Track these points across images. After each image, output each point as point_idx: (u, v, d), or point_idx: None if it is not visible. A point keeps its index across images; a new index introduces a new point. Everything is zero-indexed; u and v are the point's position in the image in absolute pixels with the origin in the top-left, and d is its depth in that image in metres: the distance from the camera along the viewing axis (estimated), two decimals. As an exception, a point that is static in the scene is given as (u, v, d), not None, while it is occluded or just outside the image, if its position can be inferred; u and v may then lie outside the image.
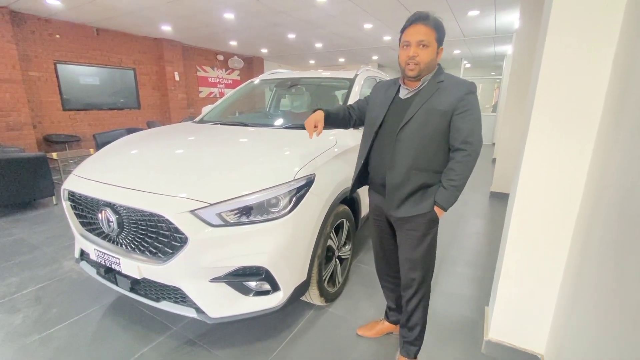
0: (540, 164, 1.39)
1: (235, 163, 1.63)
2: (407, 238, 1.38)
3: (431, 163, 1.28)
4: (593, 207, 1.20)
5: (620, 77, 1.11)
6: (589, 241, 1.19)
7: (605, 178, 1.12)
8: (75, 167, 1.90)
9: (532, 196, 1.44)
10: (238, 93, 3.09)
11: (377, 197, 1.48)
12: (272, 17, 5.69)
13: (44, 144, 5.90)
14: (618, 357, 0.85)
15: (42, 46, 5.74)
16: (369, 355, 1.67)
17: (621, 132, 1.04)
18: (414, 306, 1.43)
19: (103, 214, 1.55)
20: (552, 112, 1.33)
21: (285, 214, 1.49)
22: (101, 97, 6.79)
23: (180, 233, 1.37)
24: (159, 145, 2.03)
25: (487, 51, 9.27)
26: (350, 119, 1.57)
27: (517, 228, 1.51)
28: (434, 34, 1.24)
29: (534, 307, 1.53)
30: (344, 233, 2.07)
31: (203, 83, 9.32)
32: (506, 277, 1.59)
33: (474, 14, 5.44)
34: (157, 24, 6.28)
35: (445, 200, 1.26)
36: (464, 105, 1.22)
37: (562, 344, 1.33)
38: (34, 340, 1.75)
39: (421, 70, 1.26)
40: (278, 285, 1.51)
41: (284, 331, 1.82)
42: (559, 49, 1.28)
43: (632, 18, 1.09)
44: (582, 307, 1.16)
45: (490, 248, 2.89)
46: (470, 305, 2.08)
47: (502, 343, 1.63)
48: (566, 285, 1.39)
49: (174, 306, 1.53)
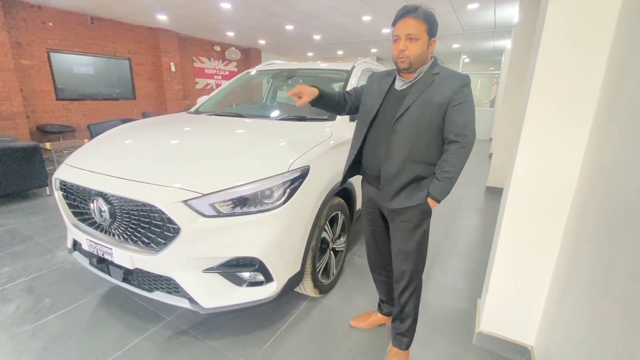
0: (533, 159, 1.40)
1: (230, 154, 1.61)
2: (400, 230, 1.38)
3: (425, 155, 1.28)
4: (585, 203, 1.21)
5: (615, 74, 1.11)
6: (580, 236, 1.20)
7: (598, 174, 1.12)
8: (69, 156, 1.87)
9: (525, 191, 1.44)
10: (234, 84, 3.05)
11: (370, 189, 1.47)
12: (270, 7, 5.60)
13: (37, 134, 5.82)
14: (606, 350, 0.85)
15: (35, 34, 5.62)
16: (362, 345, 1.68)
17: (613, 129, 1.04)
18: (407, 298, 1.44)
19: (95, 204, 1.54)
20: (546, 108, 1.33)
21: (279, 205, 1.49)
22: (96, 87, 6.69)
23: (173, 223, 1.36)
24: (152, 135, 2.01)
25: (486, 46, 9.22)
26: (345, 105, 1.55)
27: (510, 222, 1.52)
28: (423, 26, 1.23)
29: (525, 300, 1.55)
30: (339, 225, 2.07)
31: (200, 74, 9.21)
32: (498, 270, 1.60)
33: (473, 7, 5.39)
34: (153, 13, 6.17)
35: (438, 192, 1.26)
36: (459, 98, 1.22)
37: (552, 337, 1.35)
38: (27, 330, 1.74)
39: (412, 63, 1.26)
40: (271, 276, 1.51)
41: (277, 322, 1.82)
42: (555, 45, 1.27)
43: (627, 15, 1.08)
44: (572, 301, 1.17)
45: (484, 242, 2.91)
46: (463, 297, 2.10)
47: (493, 335, 1.64)
48: (557, 279, 1.40)
49: (167, 296, 1.53)
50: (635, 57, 0.96)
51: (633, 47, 0.99)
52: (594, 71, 1.23)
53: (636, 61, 0.95)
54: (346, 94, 1.55)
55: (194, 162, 1.55)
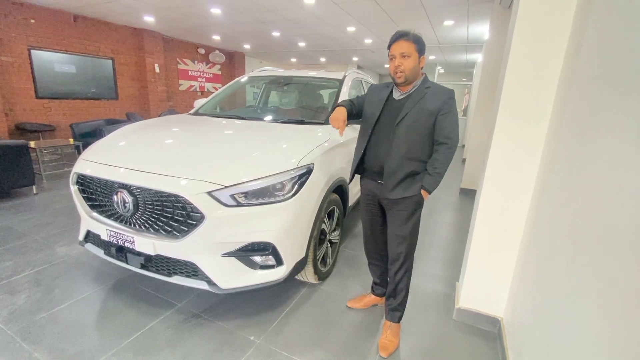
0: (502, 162, 1.69)
1: (244, 151, 1.81)
2: (397, 217, 1.63)
3: (419, 153, 1.54)
4: (540, 198, 1.50)
5: (564, 90, 1.42)
6: (536, 226, 1.49)
7: (550, 174, 1.41)
8: (84, 152, 1.99)
9: (495, 190, 1.74)
10: (231, 88, 3.22)
11: (371, 183, 1.71)
12: (259, 14, 5.80)
13: (16, 133, 5.65)
14: (554, 315, 1.12)
15: (16, 30, 5.49)
16: (358, 322, 1.91)
17: (562, 136, 1.34)
18: (401, 276, 1.69)
19: (119, 196, 1.67)
20: (512, 119, 1.62)
21: (289, 198, 1.69)
22: (77, 86, 6.57)
23: (197, 212, 1.54)
24: (164, 133, 2.16)
25: (460, 58, 9.87)
26: (354, 111, 1.77)
27: (482, 216, 1.80)
28: (414, 46, 1.50)
29: (495, 280, 1.84)
30: (335, 219, 2.30)
31: (183, 76, 9.20)
32: (474, 256, 1.89)
33: (449, 23, 5.86)
34: (139, 13, 6.18)
35: (430, 184, 1.53)
36: (446, 108, 1.50)
37: (516, 308, 1.64)
38: (43, 317, 1.83)
39: (407, 77, 1.52)
40: (282, 260, 1.71)
41: (281, 305, 2.02)
42: (519, 63, 1.57)
43: (575, 38, 1.39)
44: (529, 279, 1.46)
45: (459, 235, 3.24)
46: (443, 282, 2.39)
47: (470, 310, 1.93)
48: (519, 262, 1.70)
49: (186, 280, 1.69)
50: (578, 72, 1.27)
51: (576, 65, 1.30)
52: (549, 87, 1.53)
53: (579, 74, 1.25)
54: (351, 103, 1.77)
55: (212, 158, 1.73)
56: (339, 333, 1.82)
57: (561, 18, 1.46)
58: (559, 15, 1.46)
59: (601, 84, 1.04)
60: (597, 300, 0.85)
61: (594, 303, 0.86)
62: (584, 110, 1.14)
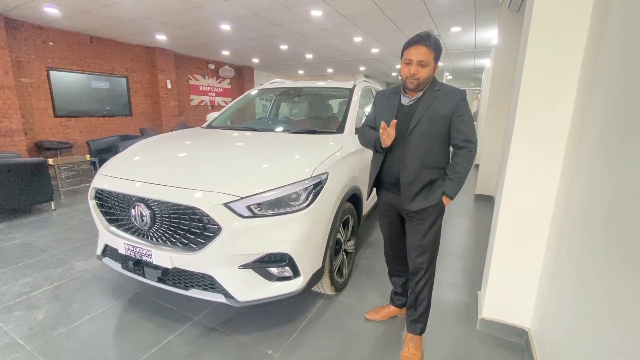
0: (522, 169, 1.63)
1: (258, 162, 1.81)
2: (417, 227, 1.58)
3: (436, 161, 1.50)
4: (565, 204, 1.44)
5: (583, 93, 1.38)
6: (563, 232, 1.43)
7: (575, 179, 1.36)
8: (102, 167, 2.02)
9: (515, 196, 1.68)
10: (242, 101, 3.26)
11: (388, 194, 1.67)
12: (267, 29, 5.92)
13: (35, 151, 5.84)
14: (590, 325, 1.06)
15: (35, 53, 5.74)
16: (377, 335, 1.85)
17: (584, 141, 1.29)
18: (422, 286, 1.63)
19: (136, 209, 1.69)
20: (531, 123, 1.57)
21: (305, 207, 1.68)
22: (93, 104, 6.78)
23: (214, 224, 1.53)
24: (179, 146, 2.19)
25: (467, 64, 9.84)
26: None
27: (503, 222, 1.74)
28: (432, 54, 1.44)
29: (520, 289, 1.76)
30: (350, 228, 2.27)
31: (194, 91, 9.41)
32: (496, 264, 1.82)
33: (456, 30, 5.86)
34: (152, 33, 6.39)
35: (452, 189, 1.48)
36: (460, 110, 1.45)
37: (545, 318, 1.56)
38: (61, 332, 1.84)
39: (419, 84, 1.48)
40: (299, 271, 1.68)
41: (298, 318, 1.98)
42: (536, 67, 1.54)
43: (593, 45, 1.36)
44: (560, 286, 1.39)
45: (478, 243, 3.15)
46: (464, 291, 2.31)
47: (494, 320, 1.85)
48: (546, 270, 1.62)
49: (203, 293, 1.68)
50: (600, 77, 1.23)
51: (598, 73, 1.26)
52: (568, 88, 1.49)
53: (601, 78, 1.22)
54: (369, 126, 1.70)
55: (228, 169, 1.74)
56: (359, 347, 1.76)
57: (577, 19, 1.43)
58: (575, 16, 1.43)
59: (624, 84, 1.01)
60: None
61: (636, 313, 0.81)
62: (608, 111, 1.10)
